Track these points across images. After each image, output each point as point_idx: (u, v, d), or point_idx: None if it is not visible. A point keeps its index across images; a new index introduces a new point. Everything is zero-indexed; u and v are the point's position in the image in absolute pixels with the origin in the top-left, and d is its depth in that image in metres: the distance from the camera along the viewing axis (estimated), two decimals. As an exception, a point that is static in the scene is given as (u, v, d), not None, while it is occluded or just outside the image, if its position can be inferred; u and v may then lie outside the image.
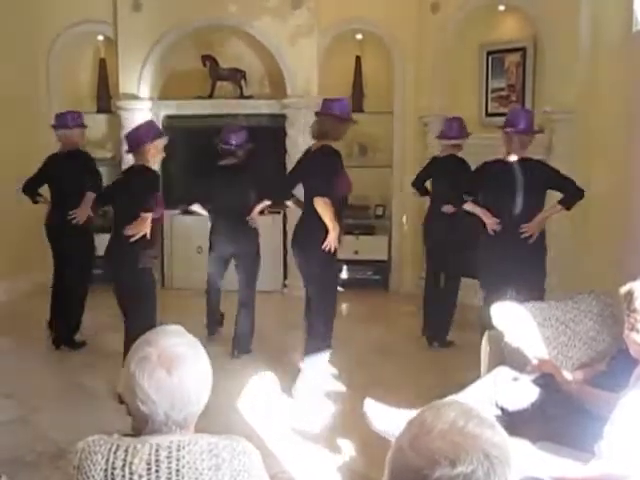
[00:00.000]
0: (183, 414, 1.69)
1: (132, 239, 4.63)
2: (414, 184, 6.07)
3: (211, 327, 5.92)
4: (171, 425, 1.69)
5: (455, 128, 5.87)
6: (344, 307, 6.95)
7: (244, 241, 5.67)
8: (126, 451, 1.66)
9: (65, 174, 5.68)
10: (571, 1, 5.98)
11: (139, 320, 4.66)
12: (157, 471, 1.64)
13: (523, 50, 6.72)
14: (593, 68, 5.87)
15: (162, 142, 4.84)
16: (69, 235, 5.66)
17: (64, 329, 5.80)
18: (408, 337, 6.11)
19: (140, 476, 1.63)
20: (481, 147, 6.03)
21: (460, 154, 5.88)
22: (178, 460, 1.66)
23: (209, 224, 5.80)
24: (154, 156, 4.81)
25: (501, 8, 6.82)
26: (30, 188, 5.74)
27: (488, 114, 7.07)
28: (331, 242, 4.68)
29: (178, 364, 1.69)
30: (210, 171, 5.72)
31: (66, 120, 5.78)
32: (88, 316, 5.92)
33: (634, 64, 5.13)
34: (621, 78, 5.34)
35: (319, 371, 4.90)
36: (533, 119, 4.92)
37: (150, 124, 5.07)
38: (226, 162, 5.67)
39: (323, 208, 4.64)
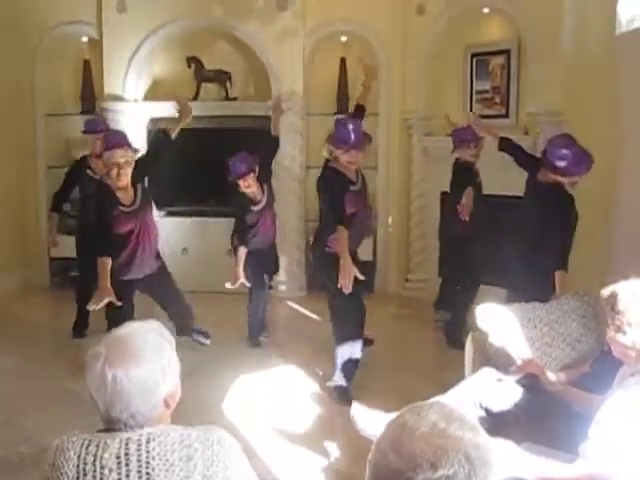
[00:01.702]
0: (129, 412, 1.67)
1: None
2: None
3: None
4: (118, 423, 1.68)
5: None
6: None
7: None
8: (97, 446, 1.67)
9: None
10: (555, 4, 6.01)
11: (110, 316, 4.68)
12: (127, 465, 1.64)
13: (507, 52, 6.74)
14: (577, 71, 5.90)
15: (106, 156, 4.56)
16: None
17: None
18: (394, 339, 6.12)
19: (110, 470, 1.64)
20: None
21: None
22: (148, 452, 1.65)
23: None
24: (109, 169, 4.60)
25: (485, 10, 6.85)
26: None
27: (473, 116, 7.08)
28: None
29: (121, 361, 1.67)
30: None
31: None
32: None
33: (617, 66, 5.16)
34: (605, 80, 5.38)
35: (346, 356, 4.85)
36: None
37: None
38: None
39: None
